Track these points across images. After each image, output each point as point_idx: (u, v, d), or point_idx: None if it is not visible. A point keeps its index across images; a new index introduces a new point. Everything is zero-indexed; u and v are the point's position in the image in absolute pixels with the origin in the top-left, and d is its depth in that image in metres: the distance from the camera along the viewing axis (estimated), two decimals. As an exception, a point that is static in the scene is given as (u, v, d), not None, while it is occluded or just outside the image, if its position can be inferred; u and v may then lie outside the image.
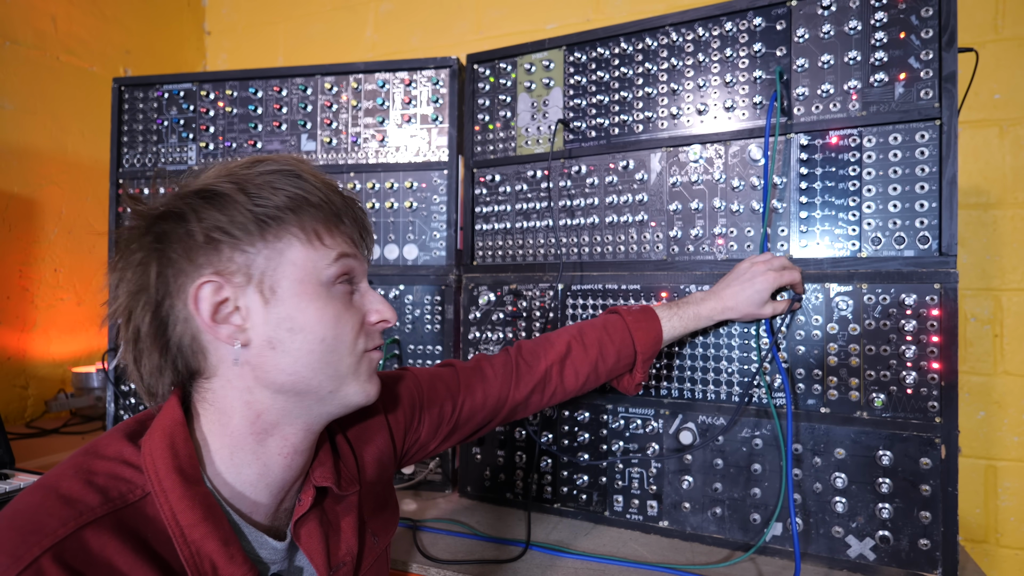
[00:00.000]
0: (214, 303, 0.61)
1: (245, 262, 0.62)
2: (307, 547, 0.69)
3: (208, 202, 0.61)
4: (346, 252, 0.67)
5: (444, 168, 1.44)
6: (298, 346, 0.63)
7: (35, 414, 2.01)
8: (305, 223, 0.64)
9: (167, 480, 0.59)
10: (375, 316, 0.70)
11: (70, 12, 2.13)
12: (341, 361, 0.66)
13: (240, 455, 0.64)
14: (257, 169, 0.64)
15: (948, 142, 1.00)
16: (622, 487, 1.22)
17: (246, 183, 0.63)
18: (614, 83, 1.26)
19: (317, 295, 0.64)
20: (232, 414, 0.64)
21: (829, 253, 1.08)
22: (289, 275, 0.63)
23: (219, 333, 0.61)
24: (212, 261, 0.61)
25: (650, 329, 1.05)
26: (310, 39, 2.48)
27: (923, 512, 0.99)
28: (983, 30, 1.60)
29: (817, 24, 1.09)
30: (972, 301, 1.61)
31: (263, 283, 0.62)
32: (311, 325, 0.64)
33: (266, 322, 0.62)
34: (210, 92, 1.57)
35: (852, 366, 1.05)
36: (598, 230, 1.28)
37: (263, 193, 0.62)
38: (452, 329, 1.41)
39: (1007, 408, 1.59)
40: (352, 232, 0.69)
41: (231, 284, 0.61)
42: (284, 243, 0.63)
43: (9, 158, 1.94)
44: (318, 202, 0.65)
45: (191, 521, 0.58)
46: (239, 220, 0.61)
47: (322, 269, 0.65)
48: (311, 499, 0.70)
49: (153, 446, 0.61)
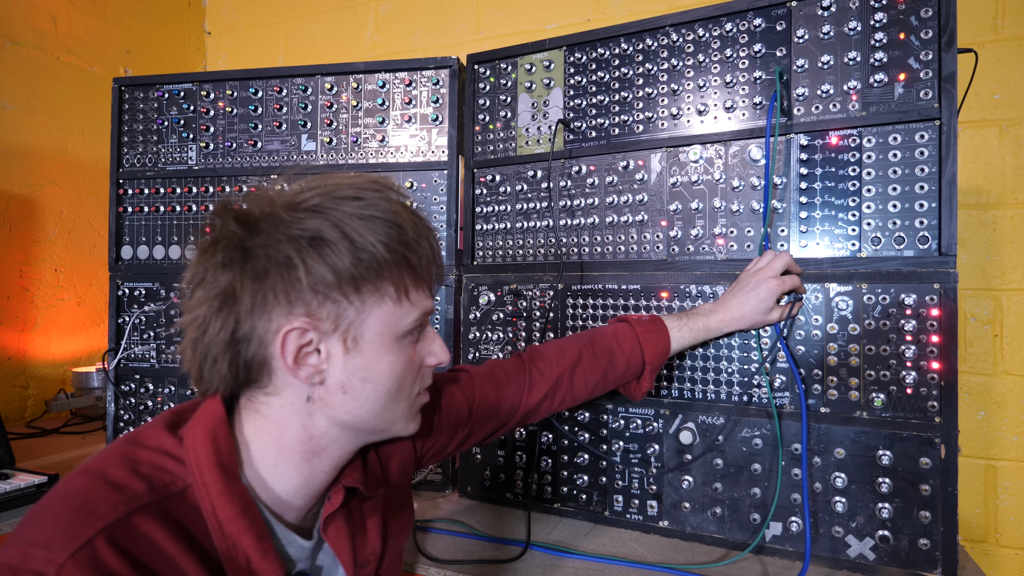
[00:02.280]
0: (299, 345, 0.62)
1: (336, 312, 0.63)
2: (335, 544, 0.71)
3: (317, 252, 0.61)
4: (427, 309, 0.69)
5: (444, 168, 1.44)
6: (368, 394, 0.66)
7: (35, 414, 2.01)
8: (399, 281, 0.65)
9: (209, 474, 0.61)
10: (433, 360, 0.73)
11: (70, 12, 2.13)
12: (398, 407, 0.70)
13: (284, 467, 0.66)
14: (360, 209, 0.63)
15: (948, 142, 1.00)
16: (622, 487, 1.22)
17: (351, 230, 0.62)
18: (614, 83, 1.26)
19: (392, 348, 0.66)
20: (286, 431, 0.66)
21: (829, 253, 1.09)
22: (373, 329, 0.65)
23: (298, 374, 0.63)
24: (307, 305, 0.62)
25: (659, 340, 1.07)
26: (310, 39, 2.48)
27: (923, 512, 0.99)
28: (983, 30, 1.60)
29: (817, 24, 1.09)
30: (972, 301, 1.61)
31: (348, 333, 0.64)
32: (383, 377, 0.66)
33: (343, 369, 0.64)
34: (210, 92, 1.57)
35: (852, 366, 1.05)
36: (598, 230, 1.28)
37: (367, 246, 0.62)
38: (452, 329, 1.41)
39: (1007, 408, 1.59)
40: (431, 281, 0.71)
41: (318, 330, 0.62)
42: (376, 298, 0.64)
43: (9, 158, 1.94)
44: (415, 261, 0.66)
45: (230, 515, 0.60)
46: (343, 275, 0.61)
47: (404, 325, 0.67)
48: (341, 498, 0.72)
49: (196, 440, 0.62)
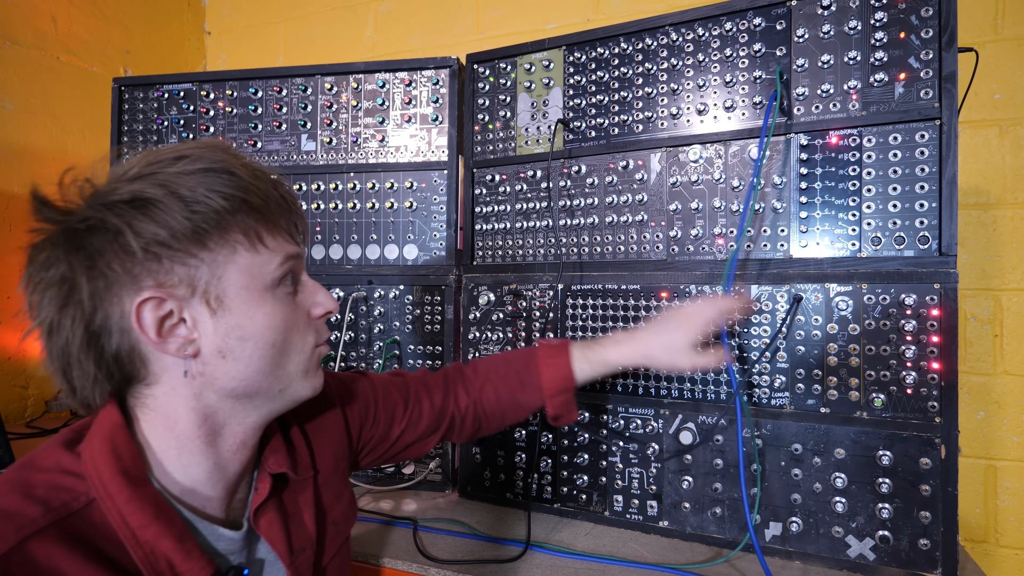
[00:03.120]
0: (158, 318, 0.58)
1: (187, 274, 0.59)
2: (268, 534, 0.69)
3: (142, 212, 0.57)
4: (290, 253, 0.66)
5: (444, 168, 1.44)
6: (249, 353, 0.62)
7: (35, 414, 2.01)
8: (247, 227, 0.61)
9: (112, 484, 0.57)
10: (319, 310, 0.70)
11: (70, 12, 2.13)
12: (290, 362, 0.66)
13: (188, 456, 0.63)
14: (186, 166, 0.60)
15: (948, 142, 1.00)
16: (622, 487, 1.22)
17: (178, 186, 0.58)
18: (614, 83, 1.26)
19: (264, 300, 0.63)
20: (178, 419, 0.63)
21: (829, 253, 1.08)
22: (235, 283, 0.61)
23: (167, 348, 0.60)
24: (152, 274, 0.58)
25: (558, 366, 0.99)
26: (310, 39, 2.47)
27: (923, 512, 0.99)
28: (983, 30, 1.60)
29: (817, 24, 1.09)
30: (972, 301, 1.61)
31: (208, 293, 0.60)
32: (261, 331, 0.63)
33: (215, 332, 0.61)
34: (210, 92, 1.57)
35: (852, 366, 1.05)
36: (598, 230, 1.28)
37: (198, 197, 0.58)
38: (452, 329, 1.41)
39: (1007, 408, 1.59)
40: (290, 226, 0.67)
41: (174, 297, 0.59)
42: (227, 250, 0.61)
43: (9, 158, 1.94)
44: (257, 203, 0.62)
45: (141, 522, 0.57)
46: (178, 231, 0.57)
47: (267, 273, 0.63)
48: (268, 487, 0.70)
49: (94, 452, 0.59)
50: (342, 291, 1.47)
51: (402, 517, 1.25)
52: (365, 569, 1.10)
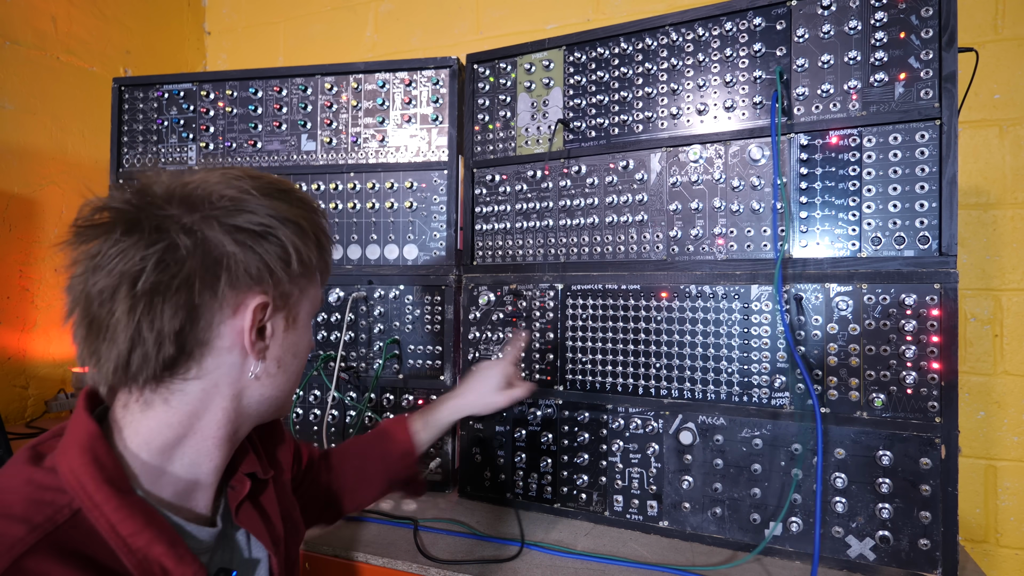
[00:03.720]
0: (258, 319, 0.65)
1: (284, 291, 0.67)
2: (253, 527, 0.74)
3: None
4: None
5: (444, 168, 1.44)
6: (295, 368, 0.72)
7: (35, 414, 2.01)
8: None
9: (98, 494, 0.57)
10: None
11: (70, 12, 2.13)
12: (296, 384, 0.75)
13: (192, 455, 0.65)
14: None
15: (948, 142, 1.00)
16: (622, 487, 1.22)
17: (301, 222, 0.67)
18: (614, 83, 1.26)
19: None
20: (202, 416, 0.65)
21: (829, 253, 1.08)
22: (306, 308, 0.71)
23: (253, 349, 0.65)
24: (259, 278, 0.64)
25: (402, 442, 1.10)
26: (310, 39, 2.47)
27: (923, 512, 0.99)
28: (983, 30, 1.60)
29: (817, 24, 1.09)
30: (972, 301, 1.61)
31: (291, 311, 0.69)
32: (303, 352, 0.73)
33: (281, 345, 0.69)
34: (210, 92, 1.57)
35: (852, 366, 1.05)
36: (598, 230, 1.28)
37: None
38: (452, 329, 1.41)
39: (1007, 408, 1.59)
40: None
41: (274, 306, 0.66)
42: (313, 280, 0.71)
43: (9, 158, 1.94)
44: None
45: (133, 530, 0.57)
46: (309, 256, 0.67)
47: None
48: (247, 488, 0.74)
49: (73, 463, 0.58)
50: (342, 291, 1.47)
51: (402, 517, 1.25)
52: (365, 569, 1.10)
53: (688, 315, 1.18)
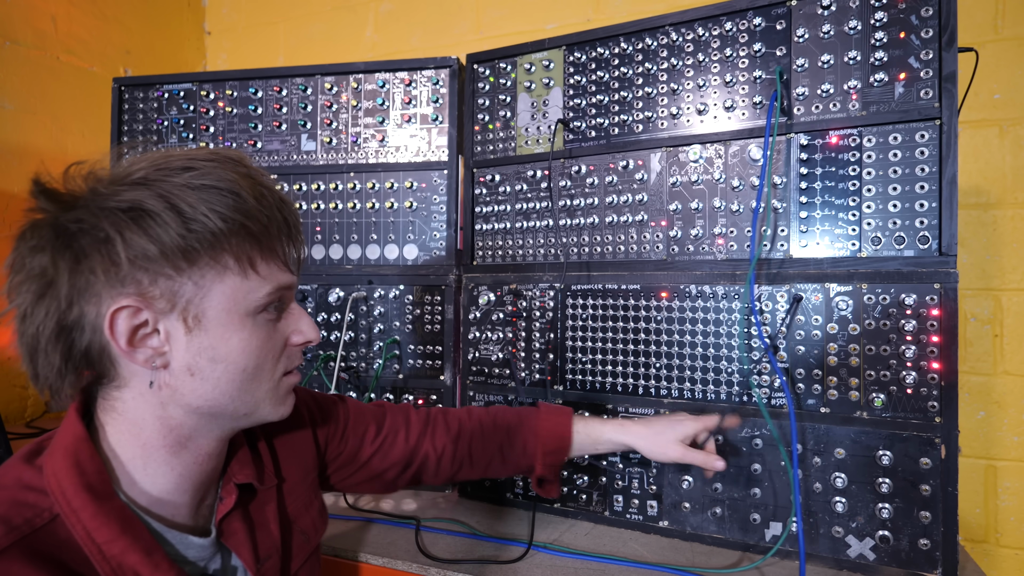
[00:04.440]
0: (132, 326, 0.58)
1: (170, 288, 0.58)
2: (233, 543, 0.70)
3: (137, 224, 0.56)
4: (282, 284, 0.65)
5: (444, 168, 1.44)
6: (218, 375, 0.62)
7: (35, 414, 2.01)
8: (240, 252, 0.61)
9: (76, 499, 0.57)
10: (299, 337, 0.69)
11: (70, 12, 2.13)
12: (259, 388, 0.66)
13: (154, 465, 0.63)
14: (192, 179, 0.59)
15: (948, 142, 1.00)
16: (622, 487, 1.22)
17: (179, 200, 0.57)
18: (614, 83, 1.26)
19: (243, 325, 0.62)
20: (143, 426, 0.62)
21: (829, 253, 1.08)
22: (217, 305, 0.60)
23: (135, 357, 0.59)
24: (135, 283, 0.57)
25: (558, 424, 1.02)
26: (310, 39, 2.47)
27: (923, 512, 0.99)
28: (983, 30, 1.60)
29: (817, 24, 1.09)
30: (972, 301, 1.61)
31: (188, 311, 0.59)
32: (234, 356, 0.62)
33: (187, 349, 0.60)
34: (210, 92, 1.57)
35: (852, 366, 1.05)
36: (598, 230, 1.28)
37: (197, 216, 0.57)
38: (452, 329, 1.41)
39: (1007, 408, 1.59)
40: (287, 255, 0.66)
41: (152, 309, 0.58)
42: (215, 272, 0.60)
43: (9, 158, 1.94)
44: (257, 228, 0.61)
45: (108, 537, 0.57)
46: (169, 247, 0.57)
47: (252, 300, 0.63)
48: (234, 498, 0.70)
49: (56, 466, 0.58)
50: (342, 291, 1.47)
51: (403, 517, 1.25)
52: (365, 569, 1.10)
53: (688, 315, 1.18)
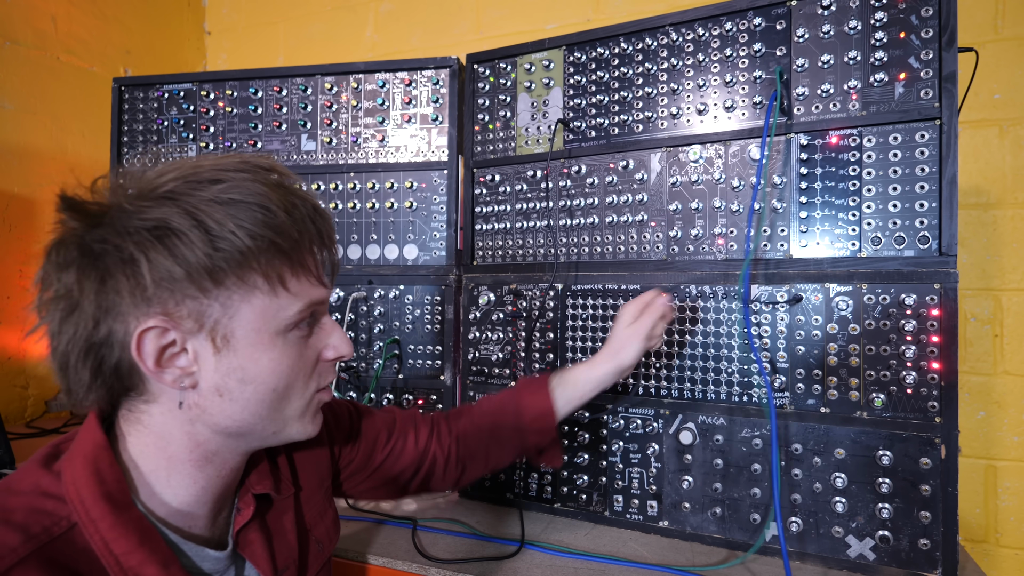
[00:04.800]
0: (159, 346, 0.57)
1: (198, 308, 0.57)
2: (250, 554, 0.69)
3: (162, 243, 0.55)
4: (314, 300, 0.63)
5: (444, 168, 1.44)
6: (248, 396, 0.61)
7: (35, 414, 2.01)
8: (269, 270, 0.59)
9: (95, 509, 0.56)
10: (331, 353, 0.67)
11: (70, 12, 2.13)
12: (290, 407, 0.65)
13: (177, 477, 0.62)
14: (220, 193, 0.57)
15: (948, 142, 1.00)
16: (622, 487, 1.22)
17: (206, 217, 0.56)
18: (614, 83, 1.26)
19: (273, 344, 0.61)
20: (170, 440, 0.62)
21: (829, 253, 1.08)
22: (246, 325, 0.59)
23: (163, 378, 0.58)
24: (162, 303, 0.56)
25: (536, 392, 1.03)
26: (310, 39, 2.47)
27: (923, 512, 0.99)
28: (983, 30, 1.60)
29: (817, 24, 1.09)
30: (972, 301, 1.61)
31: (216, 331, 0.58)
32: (264, 376, 0.61)
33: (216, 370, 0.59)
34: (210, 92, 1.57)
35: (852, 366, 1.05)
36: (598, 230, 1.28)
37: (224, 234, 0.56)
38: (452, 329, 1.41)
39: (1007, 408, 1.59)
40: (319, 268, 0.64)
41: (180, 329, 0.57)
42: (244, 291, 0.58)
43: (9, 158, 1.94)
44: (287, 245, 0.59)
45: (126, 549, 0.56)
46: (195, 268, 0.55)
47: (283, 319, 0.61)
48: (252, 510, 0.69)
49: (76, 474, 0.57)
50: (342, 291, 1.47)
51: (402, 517, 1.25)
52: (365, 569, 1.10)
53: (688, 315, 1.18)
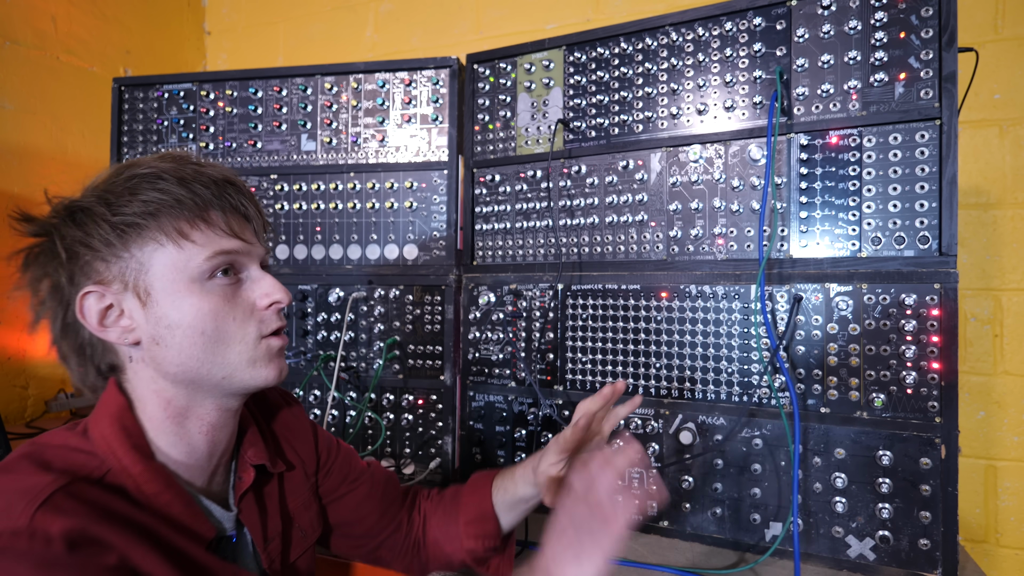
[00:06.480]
0: (100, 310, 0.66)
1: (119, 270, 0.66)
2: (248, 519, 0.76)
3: (71, 219, 0.65)
4: (223, 248, 0.69)
5: (444, 168, 1.44)
6: (179, 340, 0.67)
7: (35, 414, 2.01)
8: (165, 226, 0.66)
9: (127, 457, 0.64)
10: (264, 300, 0.72)
11: (70, 12, 2.13)
12: (230, 350, 0.69)
13: (164, 436, 0.69)
14: (124, 175, 0.67)
15: (948, 142, 1.00)
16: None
17: (109, 193, 0.66)
18: (614, 83, 1.26)
19: (190, 291, 0.67)
20: (147, 402, 0.69)
21: (829, 253, 1.08)
22: (159, 276, 0.66)
23: (108, 335, 0.67)
24: (88, 273, 0.66)
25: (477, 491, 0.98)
26: (310, 39, 2.47)
27: (923, 512, 0.99)
28: (983, 30, 1.60)
29: (817, 24, 1.09)
30: (972, 301, 1.61)
31: (138, 287, 0.66)
32: (188, 320, 0.67)
33: (147, 321, 0.67)
34: (210, 92, 1.57)
35: (852, 366, 1.05)
36: (598, 230, 1.28)
37: (122, 202, 0.65)
38: (452, 329, 1.41)
39: (1007, 408, 1.59)
40: (229, 221, 0.70)
41: (111, 292, 0.66)
42: (149, 248, 0.66)
43: (9, 158, 1.94)
44: (174, 202, 0.66)
45: (156, 490, 0.64)
46: (99, 234, 0.64)
47: (193, 267, 0.67)
48: (251, 478, 0.77)
49: (105, 430, 0.65)
50: (342, 291, 1.47)
51: (402, 517, 1.25)
52: (365, 569, 1.10)
53: (688, 315, 1.18)
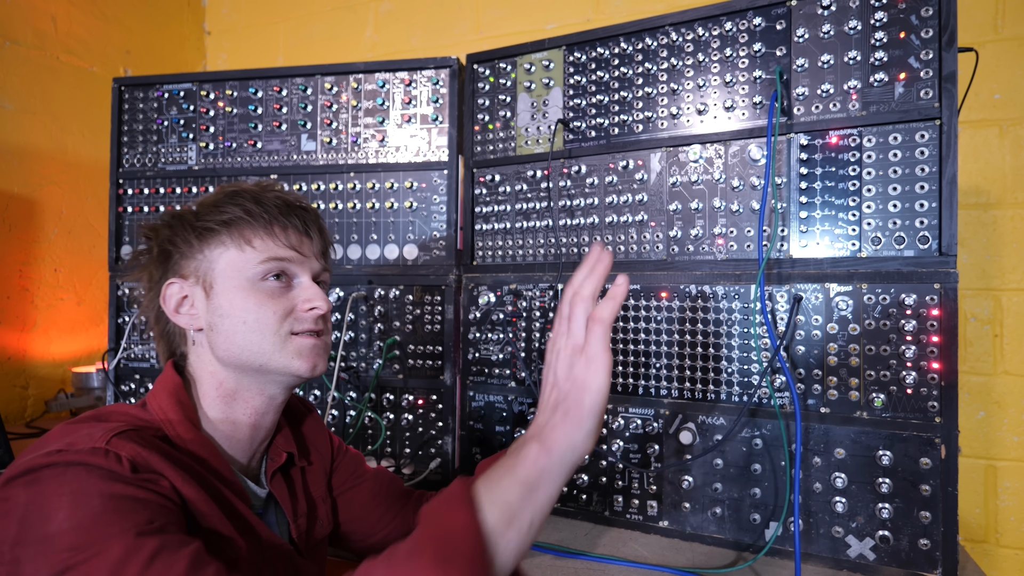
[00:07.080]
0: (178, 299, 0.81)
1: (195, 267, 0.81)
2: (279, 493, 0.86)
3: (168, 225, 0.82)
4: (277, 255, 0.81)
5: (444, 168, 1.44)
6: (227, 327, 0.79)
7: (35, 414, 2.01)
8: (234, 232, 0.81)
9: (180, 426, 0.75)
10: (306, 304, 0.83)
11: (70, 12, 2.13)
12: (264, 340, 0.80)
13: (214, 412, 0.81)
14: (221, 193, 0.84)
15: (948, 142, 1.00)
16: (622, 487, 1.22)
17: (202, 205, 0.83)
18: (614, 83, 1.26)
19: (243, 288, 0.80)
20: (203, 381, 0.81)
21: (829, 253, 1.08)
22: (222, 273, 0.80)
23: (179, 320, 0.81)
24: (173, 268, 0.82)
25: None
26: (310, 39, 2.47)
27: (923, 512, 0.99)
28: (983, 30, 1.60)
29: (817, 24, 1.09)
30: (972, 301, 1.61)
31: (205, 281, 0.81)
32: (235, 311, 0.79)
33: (207, 310, 0.80)
34: (210, 92, 1.57)
35: (852, 366, 1.05)
36: (598, 230, 1.28)
37: (207, 212, 0.81)
38: (452, 329, 1.41)
39: (1007, 408, 1.59)
40: (288, 235, 0.83)
41: (187, 284, 0.81)
42: (218, 250, 0.81)
43: (9, 158, 1.94)
44: (245, 214, 0.81)
45: (207, 455, 0.74)
46: (183, 236, 0.81)
47: (249, 268, 0.80)
48: (284, 458, 0.87)
49: (162, 403, 0.77)
50: (342, 291, 1.47)
51: (402, 517, 1.25)
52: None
53: (688, 315, 1.18)
